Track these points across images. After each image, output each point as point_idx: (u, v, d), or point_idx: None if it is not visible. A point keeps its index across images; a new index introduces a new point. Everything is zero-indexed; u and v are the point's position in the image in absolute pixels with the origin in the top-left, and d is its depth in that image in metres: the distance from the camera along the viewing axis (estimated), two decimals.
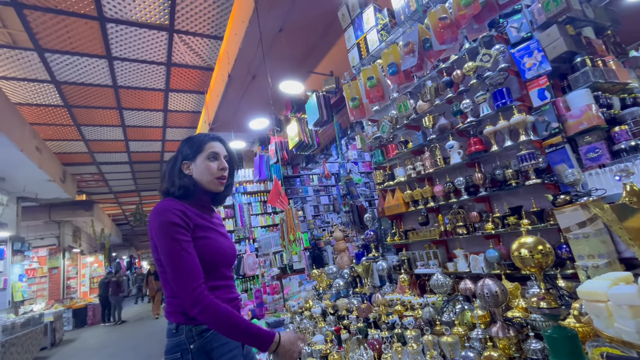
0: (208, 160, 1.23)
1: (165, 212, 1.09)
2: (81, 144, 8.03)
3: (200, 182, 1.23)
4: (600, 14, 1.96)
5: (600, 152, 1.60)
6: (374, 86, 2.35)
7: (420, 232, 2.46)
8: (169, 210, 1.10)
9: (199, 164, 1.23)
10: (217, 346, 1.10)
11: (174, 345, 1.10)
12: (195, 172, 1.23)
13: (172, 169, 1.25)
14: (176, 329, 1.11)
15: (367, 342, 1.84)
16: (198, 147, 1.24)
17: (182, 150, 1.27)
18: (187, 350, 1.07)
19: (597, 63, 1.73)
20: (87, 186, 11.28)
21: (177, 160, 1.26)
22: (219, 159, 1.26)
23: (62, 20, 4.30)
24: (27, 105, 6.13)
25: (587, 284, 0.89)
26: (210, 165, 1.23)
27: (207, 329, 1.10)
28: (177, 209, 1.11)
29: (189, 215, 1.13)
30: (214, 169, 1.23)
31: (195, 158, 1.23)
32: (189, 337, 1.09)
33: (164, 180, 1.26)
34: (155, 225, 1.09)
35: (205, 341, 1.09)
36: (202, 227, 1.16)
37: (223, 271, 1.22)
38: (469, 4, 1.74)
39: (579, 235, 1.43)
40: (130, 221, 16.90)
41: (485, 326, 1.51)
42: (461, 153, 2.15)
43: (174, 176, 1.23)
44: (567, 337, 1.05)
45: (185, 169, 1.24)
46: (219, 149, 1.27)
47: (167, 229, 1.07)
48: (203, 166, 1.22)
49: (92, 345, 6.91)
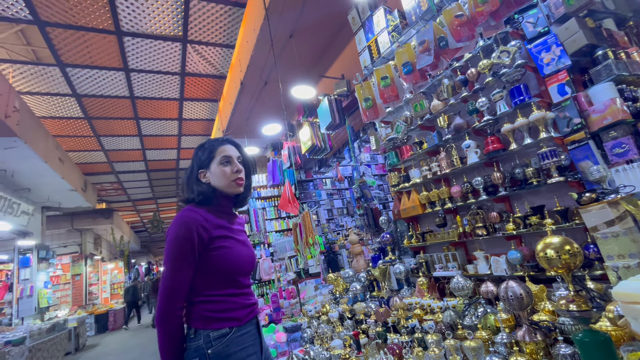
0: (221, 165, 1.23)
1: (181, 226, 1.11)
2: (101, 154, 8.31)
3: (218, 188, 1.24)
4: (621, 4, 1.89)
5: (627, 147, 1.53)
6: (387, 86, 2.34)
7: (438, 234, 2.41)
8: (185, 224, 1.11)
9: (213, 170, 1.23)
10: (234, 351, 1.10)
11: (193, 350, 1.11)
12: (212, 179, 1.24)
13: (189, 179, 1.26)
14: (194, 333, 1.12)
15: (387, 346, 1.81)
16: (210, 154, 1.25)
17: (196, 158, 1.28)
18: (205, 355, 1.08)
19: (619, 55, 1.67)
20: (107, 195, 11.64)
21: (193, 169, 1.27)
22: (232, 162, 1.25)
23: (82, 36, 4.49)
24: (50, 119, 6.39)
25: (623, 284, 0.85)
26: (224, 169, 1.23)
27: (225, 334, 1.11)
28: (198, 223, 1.12)
29: (207, 228, 1.14)
30: (229, 172, 1.23)
31: (209, 165, 1.24)
32: (207, 342, 1.10)
33: (183, 190, 1.28)
34: (171, 234, 1.12)
35: (222, 346, 1.09)
36: (221, 238, 1.17)
37: (241, 280, 1.22)
38: (487, 1, 1.71)
39: (608, 235, 1.37)
40: (147, 228, 17.30)
41: (509, 330, 1.46)
42: (478, 152, 2.10)
43: (192, 185, 1.24)
44: (600, 342, 1.01)
45: (202, 177, 1.25)
46: (231, 152, 1.27)
47: (174, 242, 1.10)
48: (218, 172, 1.23)
49: (114, 350, 7.06)
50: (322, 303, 2.81)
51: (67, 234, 11.11)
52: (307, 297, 3.69)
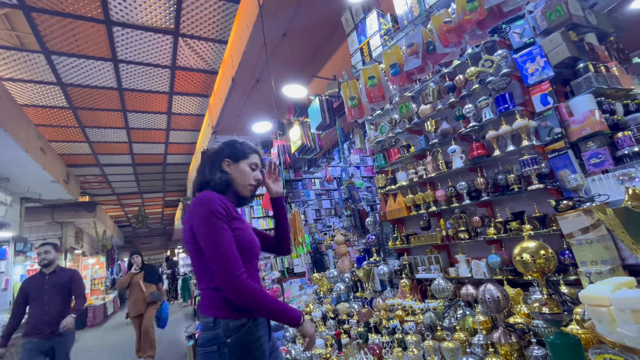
0: (250, 167, 1.35)
1: (211, 202, 1.16)
2: (85, 145, 8.10)
3: (234, 182, 1.32)
4: (603, 20, 1.97)
5: (603, 158, 1.59)
6: (374, 86, 2.36)
7: (421, 237, 2.45)
8: (214, 201, 1.16)
9: (240, 167, 1.33)
10: (252, 340, 1.14)
11: (211, 338, 1.13)
12: (233, 172, 1.32)
13: (213, 164, 1.33)
14: (214, 322, 1.14)
15: (368, 346, 1.83)
16: (243, 153, 1.36)
17: (225, 150, 1.36)
18: (224, 343, 1.10)
19: (600, 69, 1.73)
20: (90, 187, 11.35)
21: (220, 156, 1.34)
22: (256, 170, 1.38)
23: (69, 23, 4.36)
24: (33, 107, 6.20)
25: (589, 288, 0.88)
26: (250, 172, 1.35)
27: (244, 323, 1.14)
28: (221, 200, 1.19)
29: (229, 207, 1.20)
30: (252, 177, 1.35)
31: (238, 161, 1.34)
32: (226, 331, 1.12)
33: (203, 174, 1.33)
34: (200, 213, 1.14)
35: (241, 335, 1.12)
36: (237, 220, 1.24)
37: (254, 261, 1.29)
38: (475, 9, 1.75)
39: (582, 241, 1.42)
40: (132, 223, 16.94)
41: (486, 332, 1.50)
42: (463, 158, 2.15)
43: (215, 170, 1.31)
44: (570, 344, 1.04)
45: (225, 166, 1.32)
46: (259, 162, 1.41)
47: (211, 218, 1.13)
48: (244, 170, 1.33)
49: (93, 347, 6.89)
50: (306, 303, 2.82)
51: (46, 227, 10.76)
52: (291, 297, 3.69)
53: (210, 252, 1.12)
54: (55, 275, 3.00)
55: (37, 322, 2.82)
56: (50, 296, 2.91)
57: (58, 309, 2.91)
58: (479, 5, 1.75)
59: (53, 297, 2.92)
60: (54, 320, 2.85)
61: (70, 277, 3.07)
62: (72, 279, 3.06)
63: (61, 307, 2.94)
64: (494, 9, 1.75)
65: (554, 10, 1.79)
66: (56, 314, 2.87)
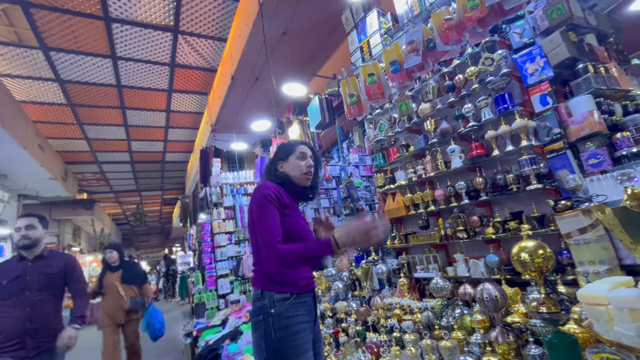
0: (298, 159, 1.47)
1: (264, 188, 1.34)
2: (83, 142, 8.07)
3: (291, 177, 1.46)
4: (603, 21, 1.97)
5: (602, 159, 1.59)
6: (374, 83, 2.36)
7: (420, 236, 2.45)
8: (268, 187, 1.34)
9: (290, 162, 1.47)
10: (292, 315, 1.25)
11: (258, 308, 1.28)
12: (287, 169, 1.47)
13: (269, 168, 1.52)
14: (261, 294, 1.29)
15: (366, 345, 1.83)
16: (290, 150, 1.50)
17: (277, 153, 1.54)
18: (269, 313, 1.24)
19: (599, 70, 1.73)
20: (89, 185, 11.32)
21: (274, 161, 1.52)
22: (306, 159, 1.49)
23: (67, 20, 4.34)
24: (31, 103, 6.16)
25: (587, 287, 0.88)
26: (300, 163, 1.47)
27: (287, 297, 1.26)
28: (274, 187, 1.35)
29: (281, 194, 1.35)
30: (302, 166, 1.47)
31: (287, 158, 1.48)
32: (271, 303, 1.25)
33: (264, 175, 1.54)
34: (255, 197, 1.33)
35: (284, 308, 1.25)
36: (290, 207, 1.37)
37: None
38: (476, 7, 1.74)
39: (580, 241, 1.43)
40: (130, 221, 16.89)
41: (484, 331, 1.50)
42: (462, 157, 2.15)
43: (272, 171, 1.49)
44: (567, 343, 1.05)
45: (280, 167, 1.49)
46: (306, 151, 1.51)
47: (262, 200, 1.31)
48: (294, 163, 1.47)
49: (89, 344, 6.87)
50: None
51: None
52: None
53: (258, 228, 1.27)
54: (42, 262, 2.06)
55: (12, 332, 1.85)
56: (35, 292, 1.97)
57: (47, 312, 1.99)
58: (479, 3, 1.74)
59: (39, 293, 1.99)
60: (41, 329, 1.93)
61: (64, 264, 2.14)
62: (67, 267, 2.14)
63: (51, 308, 2.03)
64: (494, 7, 1.75)
65: (555, 8, 1.79)
66: (43, 320, 1.96)
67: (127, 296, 3.37)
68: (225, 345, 2.83)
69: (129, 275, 3.51)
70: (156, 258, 27.95)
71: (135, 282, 3.52)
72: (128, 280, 3.47)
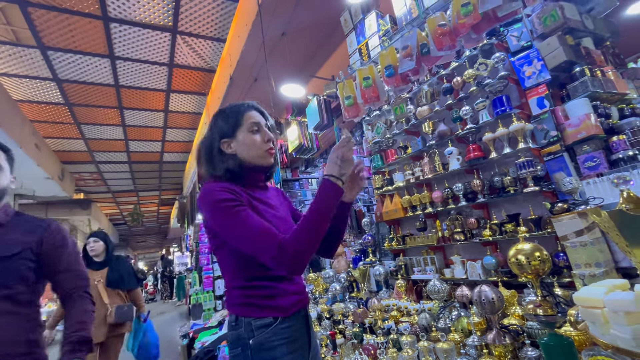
0: (251, 133, 1.07)
1: (210, 193, 0.97)
2: (81, 142, 8.03)
3: (247, 160, 1.07)
4: (600, 25, 1.99)
5: (598, 161, 1.60)
6: (369, 87, 2.37)
7: (417, 238, 2.45)
8: (213, 190, 0.97)
9: (241, 140, 1.06)
10: (279, 344, 0.96)
11: (234, 339, 0.99)
12: (238, 150, 1.07)
13: (209, 153, 1.08)
14: (235, 320, 1.00)
15: (363, 347, 1.83)
16: (236, 121, 1.08)
17: (216, 127, 1.10)
18: (247, 345, 0.96)
19: (595, 73, 1.75)
20: (86, 185, 11.26)
21: (214, 140, 1.08)
22: (261, 130, 1.10)
23: (65, 19, 4.33)
24: (28, 103, 6.13)
25: (583, 290, 0.89)
26: (255, 138, 1.07)
27: (269, 323, 0.97)
28: (223, 186, 0.99)
29: (236, 191, 0.99)
30: (259, 141, 1.08)
31: (235, 133, 1.07)
32: (248, 331, 0.97)
33: (202, 166, 1.11)
34: (206, 209, 0.98)
35: (265, 337, 0.96)
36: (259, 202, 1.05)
37: None
38: (469, 13, 1.76)
39: (576, 244, 1.43)
40: (127, 221, 16.83)
41: (481, 333, 1.50)
42: (460, 159, 2.16)
43: (214, 159, 1.07)
44: (563, 345, 1.05)
45: (227, 148, 1.07)
46: (258, 118, 1.11)
47: (218, 206, 0.94)
48: (247, 140, 1.06)
49: None
50: None
51: None
52: None
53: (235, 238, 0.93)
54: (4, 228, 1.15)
55: None
56: None
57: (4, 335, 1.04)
58: (473, 9, 1.75)
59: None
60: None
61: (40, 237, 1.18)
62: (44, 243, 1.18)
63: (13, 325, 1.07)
64: (488, 13, 1.76)
65: (549, 15, 1.81)
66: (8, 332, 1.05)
67: (112, 304, 2.49)
68: (222, 347, 2.82)
69: (116, 276, 2.62)
70: (153, 259, 27.84)
71: (125, 286, 2.67)
72: (115, 283, 2.59)
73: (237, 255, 0.99)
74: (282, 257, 0.87)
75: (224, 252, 1.02)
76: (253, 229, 0.91)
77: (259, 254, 0.90)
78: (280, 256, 0.87)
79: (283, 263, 0.87)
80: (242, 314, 0.99)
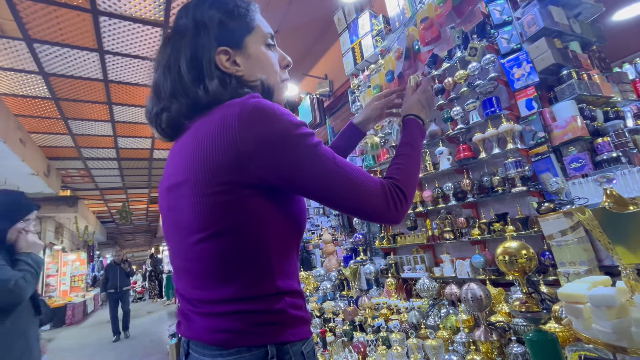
0: (267, 48, 0.70)
1: (273, 115, 0.58)
2: (68, 138, 7.85)
3: (258, 89, 0.67)
4: (587, 29, 2.03)
5: (584, 162, 1.64)
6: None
7: (408, 237, 2.47)
8: (275, 110, 0.58)
9: (254, 54, 0.68)
10: None
11: None
12: (248, 70, 0.67)
13: (194, 67, 0.64)
14: (277, 353, 0.60)
15: (352, 345, 1.84)
16: (246, 23, 0.68)
17: (211, 22, 0.65)
18: None
19: (582, 76, 1.79)
20: (72, 182, 11.02)
21: (206, 45, 0.64)
22: (277, 50, 0.74)
23: (53, 11, 4.22)
24: (12, 96, 5.97)
25: (567, 286, 0.91)
26: (273, 58, 0.71)
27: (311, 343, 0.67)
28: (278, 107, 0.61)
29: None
30: (276, 64, 0.72)
31: (242, 41, 0.66)
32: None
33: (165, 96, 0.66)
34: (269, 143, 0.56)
35: None
36: None
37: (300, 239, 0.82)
38: (443, 2, 1.79)
39: (562, 243, 1.46)
40: (115, 219, 16.53)
41: (469, 330, 1.52)
42: (450, 159, 2.18)
43: (205, 78, 0.63)
44: (548, 341, 1.07)
45: (225, 62, 0.65)
46: (270, 29, 0.73)
47: (297, 138, 0.58)
48: (264, 58, 0.69)
49: (71, 346, 6.69)
50: None
51: None
52: None
53: (327, 189, 0.59)
54: None
55: None
56: None
57: None
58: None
59: None
60: None
61: None
62: None
63: None
64: None
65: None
66: None
67: None
68: None
69: None
70: (142, 257, 27.42)
71: None
72: None
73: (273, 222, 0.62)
74: (397, 206, 0.62)
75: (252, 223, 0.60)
76: (354, 171, 0.61)
77: (365, 206, 0.61)
78: (396, 205, 0.62)
79: (398, 212, 0.64)
80: (275, 340, 0.59)
